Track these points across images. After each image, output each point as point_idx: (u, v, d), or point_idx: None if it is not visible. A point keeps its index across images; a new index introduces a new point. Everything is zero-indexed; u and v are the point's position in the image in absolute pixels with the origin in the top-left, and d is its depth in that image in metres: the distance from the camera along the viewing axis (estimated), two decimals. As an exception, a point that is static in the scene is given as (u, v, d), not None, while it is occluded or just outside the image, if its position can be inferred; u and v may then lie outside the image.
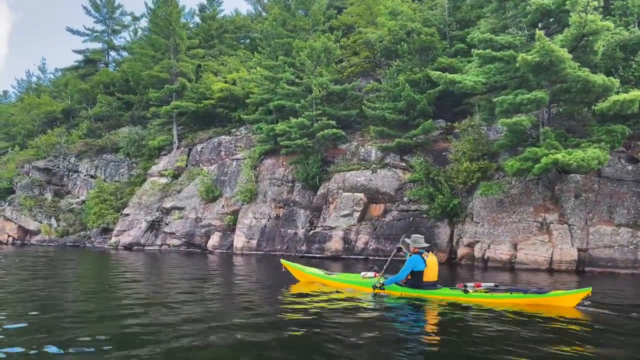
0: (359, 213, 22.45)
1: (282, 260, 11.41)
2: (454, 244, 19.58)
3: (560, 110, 17.96)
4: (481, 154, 19.18)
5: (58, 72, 56.69)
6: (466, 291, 7.97)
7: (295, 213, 24.86)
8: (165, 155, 33.32)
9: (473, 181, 18.72)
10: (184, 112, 33.11)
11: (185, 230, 27.80)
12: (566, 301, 7.24)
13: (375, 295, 8.64)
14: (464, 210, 19.46)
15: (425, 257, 8.39)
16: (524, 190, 17.99)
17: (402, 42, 23.24)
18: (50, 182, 37.80)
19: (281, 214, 25.11)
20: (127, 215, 30.67)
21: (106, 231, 32.14)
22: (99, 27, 51.61)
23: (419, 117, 22.38)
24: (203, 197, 27.89)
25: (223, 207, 27.10)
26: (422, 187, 20.68)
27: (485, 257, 17.39)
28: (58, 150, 38.14)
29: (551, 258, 16.10)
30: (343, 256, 21.70)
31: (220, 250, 26.09)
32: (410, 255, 8.46)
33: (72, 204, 35.49)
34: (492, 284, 8.29)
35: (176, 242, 28.16)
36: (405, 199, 22.04)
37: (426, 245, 8.66)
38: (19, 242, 35.59)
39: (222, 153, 30.02)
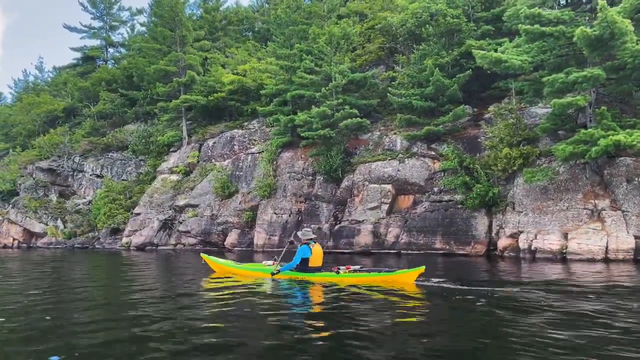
0: (387, 205, 21.42)
1: (202, 254, 12.75)
2: (493, 235, 18.58)
3: (602, 89, 16.95)
4: (520, 139, 18.13)
5: (56, 70, 55.18)
6: (338, 272, 9.62)
7: (318, 207, 23.79)
8: (175, 151, 32.12)
9: (514, 168, 17.67)
10: (192, 106, 31.90)
11: (200, 229, 26.69)
12: (407, 277, 9.27)
13: (273, 279, 10.18)
14: (504, 199, 18.44)
15: (311, 247, 9.89)
16: (570, 176, 16.97)
17: (427, 25, 22.13)
18: (54, 183, 36.52)
19: (303, 209, 24.04)
20: (138, 214, 29.52)
21: (116, 232, 30.99)
22: (96, 23, 50.33)
23: (448, 103, 21.32)
24: (218, 193, 26.77)
25: (240, 203, 25.99)
26: (457, 176, 19.65)
27: (533, 248, 16.39)
28: (62, 150, 36.84)
29: (606, 247, 15.11)
30: (373, 251, 20.68)
31: (240, 248, 25.02)
32: (300, 246, 10.02)
33: (79, 205, 34.29)
34: (359, 267, 10.01)
35: (191, 240, 27.08)
36: (435, 189, 21.01)
37: (314, 236, 10.29)
38: (24, 245, 34.38)
39: (236, 147, 28.87)
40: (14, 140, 44.92)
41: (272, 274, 10.12)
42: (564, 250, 15.66)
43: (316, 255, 9.89)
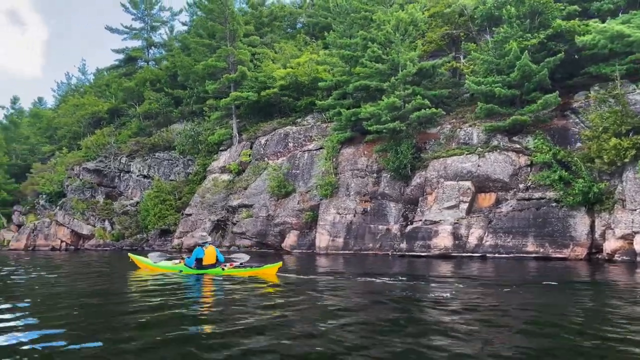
0: (467, 204, 19.50)
1: (129, 254, 15.03)
2: (597, 236, 16.47)
3: None
4: (630, 128, 15.98)
5: (98, 72, 55.12)
6: (223, 269, 11.86)
7: (385, 207, 22.04)
8: (225, 150, 30.87)
9: (625, 160, 15.54)
10: (242, 103, 30.62)
11: (256, 230, 25.27)
12: (269, 271, 11.64)
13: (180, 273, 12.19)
14: (610, 195, 16.32)
15: (204, 248, 11.85)
16: (696, 168, 14.77)
17: (508, 6, 20.17)
18: (101, 184, 35.82)
19: (369, 209, 22.32)
20: (189, 215, 28.36)
21: (166, 233, 29.96)
22: (137, 24, 49.94)
23: (534, 91, 19.32)
24: (274, 192, 25.31)
25: (298, 203, 24.44)
26: (552, 170, 17.59)
27: (655, 250, 14.26)
28: (108, 151, 36.19)
29: None
30: (454, 254, 18.77)
31: (300, 250, 23.47)
32: (196, 248, 12.02)
33: (126, 206, 33.45)
34: (238, 263, 12.34)
35: (247, 242, 25.70)
36: (521, 185, 19.02)
37: (209, 239, 12.43)
38: (72, 247, 33.76)
39: (290, 145, 27.39)
40: (58, 143, 44.76)
41: (180, 271, 12.18)
42: (697, 254, 13.49)
43: (208, 255, 11.88)
